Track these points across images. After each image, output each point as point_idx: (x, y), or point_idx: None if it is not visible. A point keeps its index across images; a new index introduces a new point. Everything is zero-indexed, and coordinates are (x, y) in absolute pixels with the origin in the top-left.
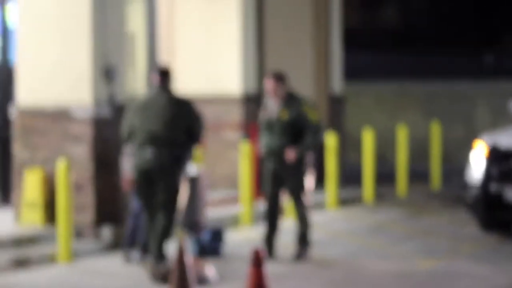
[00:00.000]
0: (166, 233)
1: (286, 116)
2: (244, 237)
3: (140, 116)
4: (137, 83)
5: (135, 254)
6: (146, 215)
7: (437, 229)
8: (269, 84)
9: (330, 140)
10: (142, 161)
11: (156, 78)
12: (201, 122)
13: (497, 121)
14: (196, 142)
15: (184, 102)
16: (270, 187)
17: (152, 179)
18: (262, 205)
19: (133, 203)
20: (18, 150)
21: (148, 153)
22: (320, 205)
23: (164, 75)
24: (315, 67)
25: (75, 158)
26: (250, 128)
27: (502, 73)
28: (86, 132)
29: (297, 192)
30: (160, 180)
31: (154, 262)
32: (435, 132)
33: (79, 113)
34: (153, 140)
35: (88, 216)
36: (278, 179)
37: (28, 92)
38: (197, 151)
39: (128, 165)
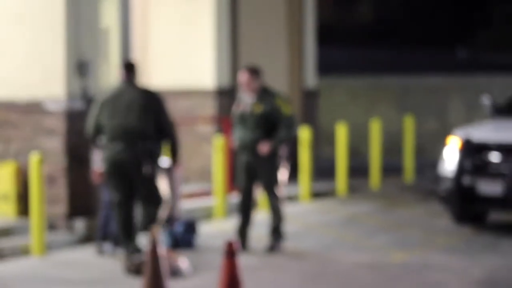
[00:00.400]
0: (150, 225)
1: (259, 109)
2: (217, 229)
3: (108, 111)
4: (110, 78)
5: (107, 246)
6: (118, 207)
7: (410, 221)
8: (243, 77)
9: (304, 134)
10: (114, 154)
11: (122, 73)
12: (169, 117)
13: (471, 115)
14: (172, 139)
15: (152, 94)
16: (243, 180)
17: (124, 171)
18: (235, 198)
19: (105, 196)
20: None
21: (121, 146)
22: (293, 198)
23: (130, 69)
24: (289, 62)
25: (48, 151)
26: (223, 121)
27: (476, 67)
28: (59, 125)
29: (270, 185)
30: (136, 174)
31: (127, 254)
32: (409, 126)
33: (52, 106)
34: (126, 134)
35: (61, 208)
36: (252, 172)
37: (1, 85)
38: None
39: (98, 158)
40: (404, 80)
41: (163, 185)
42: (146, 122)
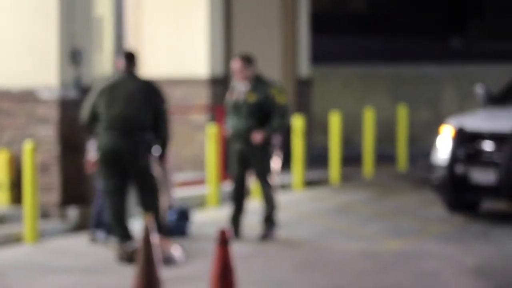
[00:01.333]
0: (158, 212)
1: (253, 98)
2: (210, 217)
3: (106, 99)
4: (104, 66)
5: (100, 234)
6: (110, 196)
7: (403, 210)
8: (236, 65)
9: (297, 122)
10: (110, 142)
11: (122, 62)
12: (166, 110)
13: (464, 104)
14: (165, 132)
15: (153, 86)
16: (236, 168)
17: (119, 160)
18: (228, 186)
19: (100, 185)
20: None
21: (118, 135)
22: (286, 186)
23: (130, 59)
24: (282, 51)
25: (41, 139)
26: (217, 110)
27: (469, 56)
28: (52, 113)
29: (263, 173)
30: (133, 164)
31: (120, 242)
32: (402, 115)
33: (45, 95)
34: (124, 124)
35: (54, 196)
36: (245, 161)
37: None
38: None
39: (93, 147)
40: (397, 69)
41: (156, 173)
42: (145, 113)
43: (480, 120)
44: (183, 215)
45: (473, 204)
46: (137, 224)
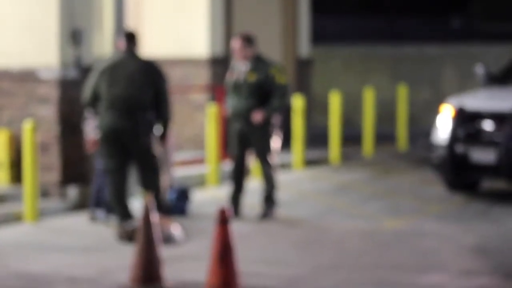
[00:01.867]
0: (159, 191)
1: (253, 78)
2: (210, 196)
3: (107, 79)
4: (104, 46)
5: (100, 213)
6: (112, 175)
7: (403, 189)
8: (236, 45)
9: (297, 102)
10: (111, 122)
11: (122, 42)
12: (167, 91)
13: (464, 84)
14: (166, 113)
15: (154, 66)
16: (236, 148)
17: (120, 139)
18: (228, 166)
19: (99, 164)
20: None
21: (119, 115)
22: (286, 166)
23: (131, 39)
24: (283, 30)
25: (41, 119)
26: (217, 90)
27: (470, 36)
28: (52, 93)
29: (263, 153)
30: (134, 144)
31: (120, 221)
32: (402, 95)
33: (45, 75)
34: (125, 103)
35: (54, 176)
36: (245, 140)
37: None
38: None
39: (91, 126)
40: (398, 49)
41: (157, 153)
42: (146, 93)
43: (480, 100)
44: (183, 194)
45: (473, 184)
46: (137, 203)
